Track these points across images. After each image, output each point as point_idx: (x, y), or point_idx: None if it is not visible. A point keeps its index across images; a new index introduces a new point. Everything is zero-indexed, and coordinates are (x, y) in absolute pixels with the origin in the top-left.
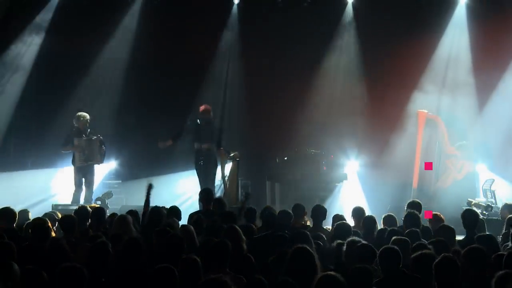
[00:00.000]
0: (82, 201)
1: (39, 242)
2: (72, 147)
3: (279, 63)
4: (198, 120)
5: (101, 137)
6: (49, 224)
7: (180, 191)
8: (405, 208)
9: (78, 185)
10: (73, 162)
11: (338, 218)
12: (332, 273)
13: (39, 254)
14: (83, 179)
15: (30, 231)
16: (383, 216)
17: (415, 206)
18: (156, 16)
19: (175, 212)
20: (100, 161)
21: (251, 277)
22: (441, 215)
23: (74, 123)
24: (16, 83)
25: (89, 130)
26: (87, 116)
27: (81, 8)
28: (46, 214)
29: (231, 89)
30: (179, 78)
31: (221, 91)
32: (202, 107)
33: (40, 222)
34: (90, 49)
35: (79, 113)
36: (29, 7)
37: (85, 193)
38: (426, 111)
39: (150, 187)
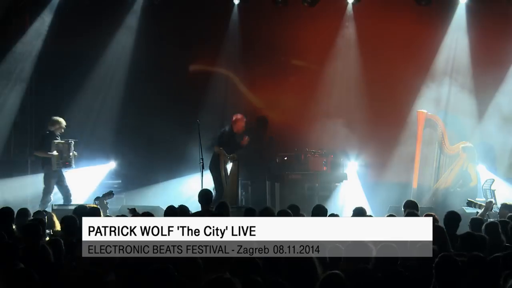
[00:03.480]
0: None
1: (33, 242)
2: (48, 152)
3: (278, 63)
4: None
5: (75, 141)
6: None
7: (182, 191)
8: (402, 208)
9: (51, 190)
10: (47, 166)
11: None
12: (337, 272)
13: (33, 253)
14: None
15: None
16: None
17: (412, 205)
18: (157, 17)
19: (172, 212)
20: (73, 165)
21: (248, 278)
22: (436, 216)
23: (49, 127)
24: (17, 86)
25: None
26: (64, 122)
27: (81, 10)
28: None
29: (232, 90)
30: (181, 79)
31: (223, 92)
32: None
33: (33, 222)
34: (91, 50)
35: (58, 118)
36: (29, 8)
37: (65, 195)
38: (425, 111)
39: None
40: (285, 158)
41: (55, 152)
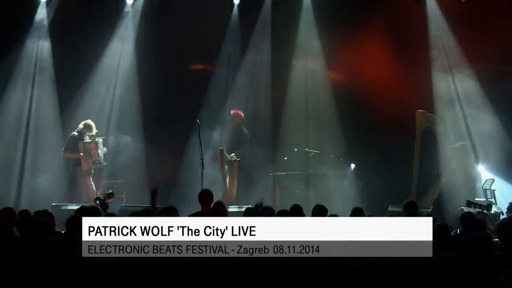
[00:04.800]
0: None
1: (35, 242)
2: (76, 152)
3: (279, 62)
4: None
5: (103, 138)
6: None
7: (182, 191)
8: (402, 208)
9: (92, 188)
10: (78, 167)
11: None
12: (337, 272)
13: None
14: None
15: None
16: None
17: (412, 205)
18: (158, 17)
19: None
20: (103, 163)
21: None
22: (433, 214)
23: (78, 129)
24: (17, 86)
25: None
26: (95, 128)
27: (81, 11)
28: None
29: (234, 90)
30: (182, 79)
31: (224, 93)
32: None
33: (35, 222)
34: (91, 51)
35: (90, 122)
36: (29, 10)
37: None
38: (424, 111)
39: (155, 192)
40: (285, 158)
41: (81, 153)
